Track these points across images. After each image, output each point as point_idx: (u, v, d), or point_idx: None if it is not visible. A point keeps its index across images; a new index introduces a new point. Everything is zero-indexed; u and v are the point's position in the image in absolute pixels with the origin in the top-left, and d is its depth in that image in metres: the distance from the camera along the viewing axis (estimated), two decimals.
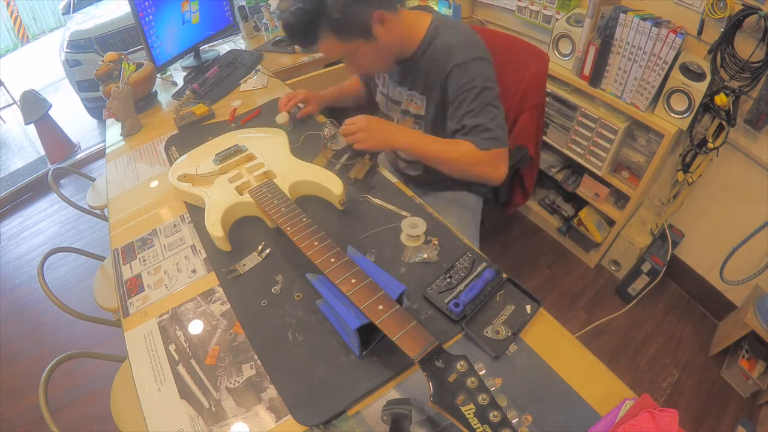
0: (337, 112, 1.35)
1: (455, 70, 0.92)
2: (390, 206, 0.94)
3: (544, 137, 1.78)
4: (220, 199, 0.93)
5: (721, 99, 1.27)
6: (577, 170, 1.84)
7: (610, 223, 1.79)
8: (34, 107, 3.00)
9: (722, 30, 1.22)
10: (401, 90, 1.09)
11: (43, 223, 2.74)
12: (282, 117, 1.20)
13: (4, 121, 4.14)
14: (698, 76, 1.30)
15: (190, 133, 1.29)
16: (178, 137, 1.29)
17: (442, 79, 0.95)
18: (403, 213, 0.92)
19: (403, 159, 1.24)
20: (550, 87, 1.65)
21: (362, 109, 1.32)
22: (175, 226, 0.99)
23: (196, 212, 1.00)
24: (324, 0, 0.82)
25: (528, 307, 0.73)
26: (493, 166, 0.95)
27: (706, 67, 1.30)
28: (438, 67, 0.95)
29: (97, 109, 3.45)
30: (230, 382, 0.68)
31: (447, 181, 1.20)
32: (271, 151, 1.07)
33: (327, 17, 0.84)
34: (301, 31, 0.88)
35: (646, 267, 1.66)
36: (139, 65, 1.45)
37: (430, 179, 1.22)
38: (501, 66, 1.19)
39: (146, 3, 1.39)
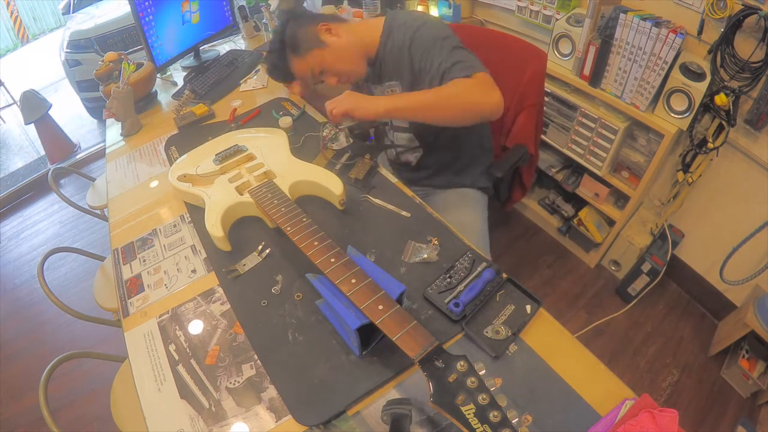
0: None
1: (413, 41, 0.98)
2: (390, 206, 0.94)
3: (544, 137, 1.78)
4: (220, 199, 0.93)
5: (721, 99, 1.27)
6: (577, 170, 1.84)
7: (610, 223, 1.79)
8: (34, 107, 3.00)
9: (722, 30, 1.22)
10: (381, 87, 1.13)
11: (43, 223, 2.74)
12: (284, 121, 1.20)
13: (4, 121, 4.14)
14: (698, 76, 1.30)
15: (190, 133, 1.29)
16: (178, 137, 1.29)
17: (406, 55, 1.00)
18: (403, 213, 0.92)
19: (400, 145, 1.24)
20: (551, 87, 1.65)
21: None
22: (175, 226, 0.99)
23: (196, 212, 1.00)
24: (282, 37, 1.04)
25: (528, 307, 0.73)
26: (483, 90, 0.91)
27: (706, 67, 1.30)
28: (399, 48, 1.01)
29: (97, 109, 3.45)
30: (230, 382, 0.68)
31: (448, 175, 1.22)
32: (271, 151, 1.07)
33: (287, 46, 1.04)
34: (278, 67, 1.09)
35: (646, 267, 1.66)
36: (139, 65, 1.45)
37: (431, 173, 1.23)
38: (499, 65, 1.19)
39: (146, 3, 1.39)
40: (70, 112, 3.75)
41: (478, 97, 0.91)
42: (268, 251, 0.87)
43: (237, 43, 1.94)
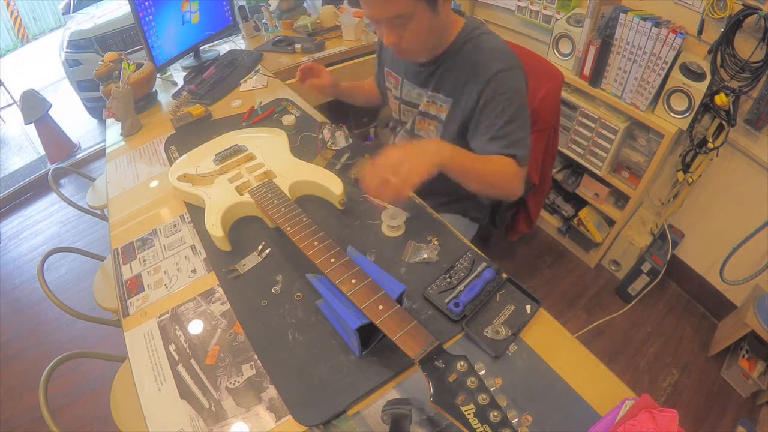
0: (338, 116, 1.35)
1: (500, 74, 0.88)
2: (390, 206, 0.94)
3: None
4: (220, 199, 0.93)
5: (721, 99, 1.27)
6: (577, 170, 1.84)
7: (610, 223, 1.79)
8: (34, 107, 3.00)
9: (722, 30, 1.22)
10: (421, 92, 1.04)
11: (43, 223, 2.74)
12: (288, 119, 1.20)
13: (4, 121, 4.14)
14: (698, 76, 1.30)
15: (190, 133, 1.29)
16: (178, 137, 1.29)
17: (481, 83, 0.89)
18: (404, 213, 0.91)
19: None
20: None
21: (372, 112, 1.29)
22: (175, 226, 0.99)
23: (196, 212, 1.00)
24: None
25: (528, 307, 0.73)
26: (520, 183, 0.92)
27: (706, 67, 1.30)
28: (477, 69, 0.90)
29: (97, 109, 3.45)
30: (230, 382, 0.68)
31: (440, 197, 1.13)
32: (271, 151, 1.07)
33: None
34: None
35: (646, 267, 1.66)
36: (139, 65, 1.45)
37: (424, 193, 1.13)
38: None
39: (146, 3, 1.39)
40: (70, 112, 3.75)
41: (511, 188, 0.91)
42: (268, 251, 0.87)
43: (237, 43, 1.94)
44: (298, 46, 1.76)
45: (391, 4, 0.81)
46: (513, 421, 0.48)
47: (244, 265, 0.85)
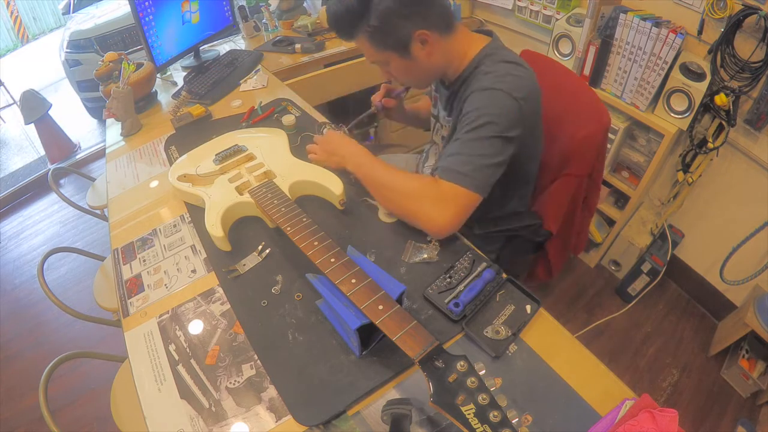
0: (338, 116, 1.34)
1: (474, 93, 0.83)
2: None
3: None
4: (220, 199, 0.93)
5: (721, 99, 1.27)
6: None
7: (610, 223, 1.79)
8: (34, 107, 3.00)
9: (722, 30, 1.22)
10: (443, 114, 1.03)
11: (43, 223, 2.74)
12: (288, 119, 1.20)
13: (4, 121, 4.14)
14: (698, 76, 1.30)
15: (190, 133, 1.29)
16: (178, 137, 1.29)
17: (462, 103, 0.87)
18: None
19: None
20: None
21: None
22: (175, 226, 0.99)
23: (196, 212, 1.00)
24: (369, 3, 0.79)
25: (528, 307, 0.73)
26: (436, 205, 0.79)
27: (706, 67, 1.30)
28: (466, 91, 0.87)
29: (97, 109, 3.45)
30: (230, 382, 0.68)
31: None
32: (271, 151, 1.07)
33: (366, 21, 0.81)
34: (340, 24, 0.84)
35: (646, 267, 1.66)
36: (139, 65, 1.45)
37: None
38: (562, 113, 1.02)
39: (146, 3, 1.39)
40: (70, 112, 3.75)
41: (425, 209, 0.80)
42: (268, 251, 0.87)
43: (237, 43, 1.94)
44: (298, 46, 1.76)
45: (365, 53, 0.89)
46: (513, 421, 0.48)
47: (244, 265, 0.85)
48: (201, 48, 1.72)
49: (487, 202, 0.84)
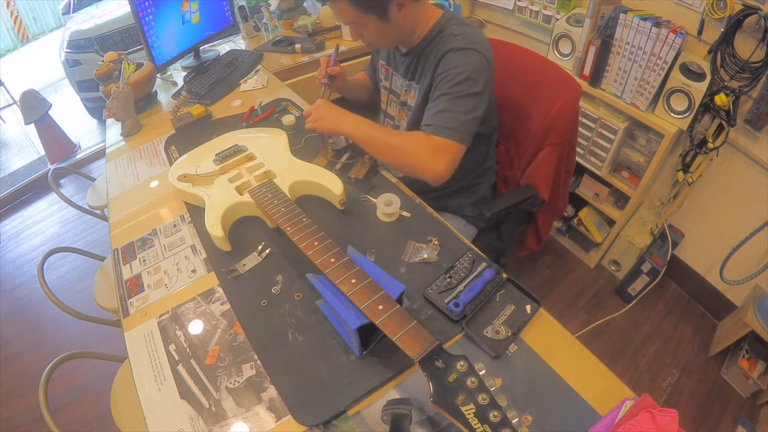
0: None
1: (448, 54, 0.91)
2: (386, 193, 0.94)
3: None
4: (220, 199, 0.93)
5: (721, 99, 1.27)
6: (577, 170, 1.84)
7: (610, 223, 1.79)
8: (34, 107, 3.00)
9: (722, 30, 1.22)
10: (403, 81, 1.09)
11: (43, 223, 2.74)
12: (288, 119, 1.20)
13: (4, 121, 4.14)
14: (698, 76, 1.30)
15: (190, 133, 1.29)
16: (178, 137, 1.29)
17: (435, 65, 0.94)
18: (404, 213, 0.92)
19: None
20: None
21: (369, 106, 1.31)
22: (175, 226, 0.99)
23: (196, 212, 1.00)
24: None
25: (528, 307, 0.73)
26: (433, 156, 0.88)
27: (706, 67, 1.30)
28: (436, 54, 0.94)
29: (97, 109, 3.45)
30: (230, 382, 0.68)
31: (439, 201, 1.15)
32: (271, 151, 1.07)
33: None
34: None
35: (646, 267, 1.66)
36: (139, 65, 1.45)
37: (426, 190, 1.15)
38: (532, 91, 1.12)
39: (146, 3, 1.39)
40: (70, 112, 3.75)
41: (423, 161, 0.89)
42: (268, 251, 0.87)
43: (237, 43, 1.94)
44: (298, 46, 1.76)
45: (342, 15, 0.93)
46: (513, 421, 0.48)
47: (244, 265, 0.85)
48: (201, 48, 1.72)
49: (484, 180, 1.04)
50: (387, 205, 0.89)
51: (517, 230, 1.32)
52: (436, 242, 0.84)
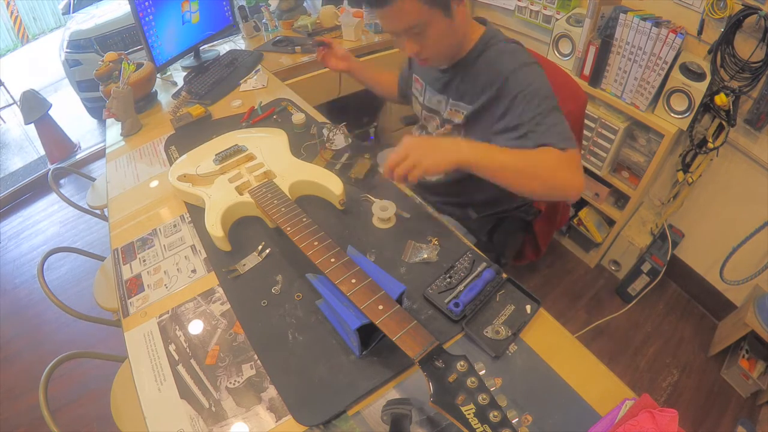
0: (338, 116, 1.34)
1: (512, 75, 0.85)
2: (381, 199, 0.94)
3: None
4: (220, 199, 0.93)
5: (721, 99, 1.27)
6: None
7: (610, 223, 1.79)
8: (34, 107, 3.00)
9: (722, 30, 1.22)
10: (441, 99, 1.02)
11: (43, 223, 2.74)
12: (298, 117, 1.20)
13: (4, 121, 4.14)
14: (698, 76, 1.30)
15: (190, 133, 1.29)
16: (178, 137, 1.29)
17: (495, 85, 0.87)
18: (404, 214, 0.92)
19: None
20: None
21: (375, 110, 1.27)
22: (175, 226, 0.99)
23: (196, 212, 1.00)
24: None
25: (528, 307, 0.73)
26: (572, 170, 0.79)
27: (706, 67, 1.30)
28: (492, 73, 0.88)
29: (97, 109, 3.45)
30: (230, 382, 0.68)
31: (453, 206, 1.12)
32: (271, 151, 1.07)
33: None
34: None
35: (646, 267, 1.66)
36: (139, 65, 1.45)
37: (440, 199, 1.14)
38: None
39: (146, 3, 1.39)
40: (70, 112, 3.75)
41: (568, 175, 0.78)
42: (268, 251, 0.87)
43: (237, 43, 1.94)
44: (298, 46, 1.76)
45: (406, 15, 0.81)
46: (513, 421, 0.48)
47: (244, 265, 0.85)
48: (201, 48, 1.72)
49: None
50: (383, 210, 0.87)
51: (512, 238, 1.27)
52: (436, 242, 0.84)
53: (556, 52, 1.63)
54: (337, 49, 1.23)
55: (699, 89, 1.29)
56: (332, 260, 0.71)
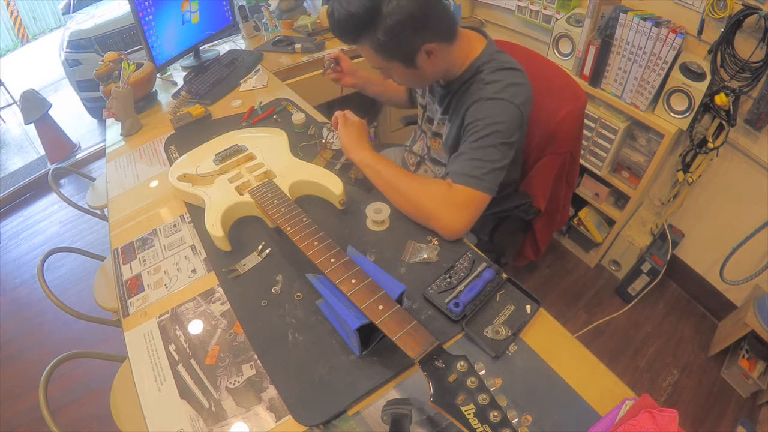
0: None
1: (477, 103, 0.86)
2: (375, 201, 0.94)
3: None
4: (220, 199, 0.93)
5: (721, 99, 1.27)
6: None
7: (610, 223, 1.79)
8: (34, 107, 3.00)
9: (722, 30, 1.22)
10: (438, 109, 1.04)
11: (43, 223, 2.74)
12: (298, 117, 1.20)
13: (4, 121, 4.14)
14: (698, 76, 1.30)
15: (190, 133, 1.29)
16: (178, 137, 1.29)
17: (464, 111, 0.89)
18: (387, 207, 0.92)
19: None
20: None
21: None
22: (175, 226, 0.99)
23: (196, 212, 1.00)
24: (377, 15, 0.77)
25: (528, 307, 0.73)
26: (456, 209, 0.82)
27: (706, 67, 1.30)
28: (468, 97, 0.90)
29: (97, 109, 3.45)
30: (230, 382, 0.68)
31: None
32: (271, 151, 1.07)
33: (373, 32, 0.79)
34: (343, 30, 0.82)
35: (646, 267, 1.66)
36: (139, 65, 1.45)
37: None
38: (539, 96, 1.05)
39: (146, 3, 1.39)
40: (70, 112, 3.75)
41: (438, 213, 0.83)
42: (268, 251, 0.87)
43: (237, 43, 1.94)
44: (298, 46, 1.76)
45: (368, 59, 0.88)
46: (513, 421, 0.48)
47: (244, 265, 0.85)
48: (201, 48, 1.72)
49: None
50: (377, 213, 0.87)
51: (512, 238, 1.29)
52: (436, 242, 0.84)
53: (556, 52, 1.63)
54: (345, 65, 1.21)
55: (699, 89, 1.29)
56: (332, 260, 0.71)
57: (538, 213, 1.16)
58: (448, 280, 0.77)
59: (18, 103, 3.28)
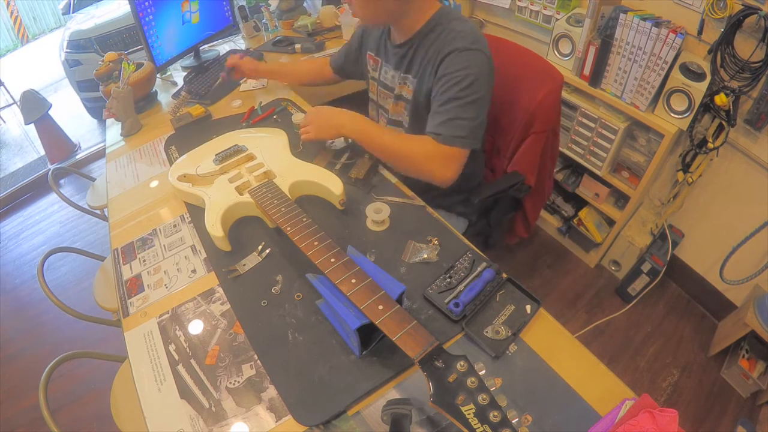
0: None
1: (453, 53, 0.88)
2: (395, 198, 0.94)
3: None
4: (220, 199, 0.93)
5: (721, 99, 1.27)
6: (577, 170, 1.84)
7: (610, 223, 1.79)
8: (34, 107, 3.00)
9: (722, 30, 1.22)
10: (395, 74, 1.06)
11: (43, 223, 2.74)
12: (298, 117, 1.20)
13: (4, 121, 4.14)
14: (698, 76, 1.30)
15: (190, 133, 1.29)
16: (178, 137, 1.29)
17: (438, 62, 0.91)
18: (417, 201, 0.92)
19: None
20: None
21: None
22: (175, 226, 0.99)
23: (196, 212, 1.00)
24: None
25: (528, 307, 0.73)
26: (444, 164, 0.90)
27: (706, 67, 1.30)
28: (437, 49, 0.92)
29: (97, 109, 3.45)
30: (230, 382, 0.68)
31: (434, 200, 1.14)
32: (271, 151, 1.07)
33: None
34: None
35: (646, 267, 1.66)
36: (139, 65, 1.45)
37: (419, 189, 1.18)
38: (517, 81, 1.14)
39: (146, 3, 1.39)
40: (70, 112, 3.75)
41: (433, 167, 0.90)
42: (268, 251, 0.87)
43: (237, 43, 1.94)
44: (298, 46, 1.76)
45: None
46: (513, 421, 0.48)
47: (244, 265, 0.85)
48: (201, 48, 1.72)
49: (470, 177, 1.02)
50: (377, 213, 0.87)
51: (505, 217, 1.34)
52: (436, 242, 0.84)
53: (556, 52, 1.63)
54: (244, 65, 1.37)
55: (699, 89, 1.29)
56: (332, 260, 0.71)
57: (529, 189, 1.21)
58: (448, 280, 0.77)
59: (18, 103, 3.28)
